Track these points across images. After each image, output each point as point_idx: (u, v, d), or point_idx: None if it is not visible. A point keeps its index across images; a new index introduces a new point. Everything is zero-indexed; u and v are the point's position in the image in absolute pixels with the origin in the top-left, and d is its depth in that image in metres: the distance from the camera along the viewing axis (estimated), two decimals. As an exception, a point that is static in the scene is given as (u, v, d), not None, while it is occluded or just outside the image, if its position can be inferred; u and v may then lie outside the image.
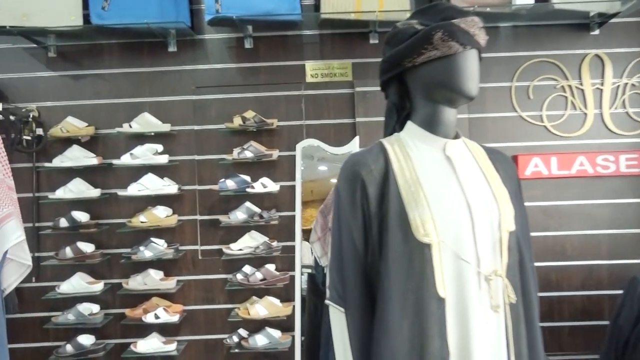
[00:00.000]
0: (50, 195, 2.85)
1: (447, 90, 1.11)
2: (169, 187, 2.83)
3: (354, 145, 2.79)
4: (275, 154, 2.86)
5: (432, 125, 1.16)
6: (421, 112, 1.17)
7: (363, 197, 1.10)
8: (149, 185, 2.81)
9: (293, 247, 2.84)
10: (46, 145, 2.90)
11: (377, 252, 1.10)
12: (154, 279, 2.82)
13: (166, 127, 2.87)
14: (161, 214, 2.83)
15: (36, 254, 2.91)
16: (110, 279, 2.92)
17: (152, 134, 2.89)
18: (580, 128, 2.90)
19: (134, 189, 2.80)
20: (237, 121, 2.84)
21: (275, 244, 2.86)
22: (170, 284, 2.84)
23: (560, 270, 2.87)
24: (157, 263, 2.87)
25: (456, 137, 1.19)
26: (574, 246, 2.88)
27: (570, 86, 2.90)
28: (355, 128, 2.92)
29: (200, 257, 2.95)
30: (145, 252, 2.78)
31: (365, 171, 1.12)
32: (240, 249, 2.85)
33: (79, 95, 2.94)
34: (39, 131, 2.85)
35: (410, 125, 1.19)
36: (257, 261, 2.88)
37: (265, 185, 2.81)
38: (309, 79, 2.95)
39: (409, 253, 1.06)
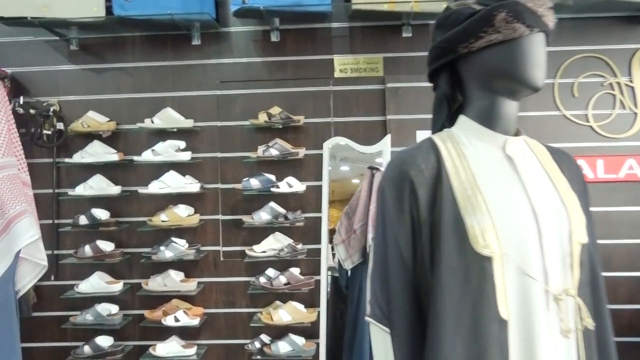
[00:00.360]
0: (70, 192, 2.77)
1: (509, 79, 0.96)
2: (191, 185, 2.72)
3: (384, 144, 2.65)
4: (302, 152, 2.73)
5: (489, 120, 1.01)
6: (477, 105, 1.02)
7: (412, 201, 0.96)
8: (171, 183, 2.71)
9: (319, 250, 2.72)
10: (67, 140, 2.83)
11: (427, 265, 0.95)
12: (174, 280, 2.72)
13: (189, 123, 2.76)
14: (183, 213, 2.73)
15: (55, 252, 2.84)
16: (129, 279, 2.83)
17: (175, 130, 2.79)
18: (630, 129, 2.70)
19: (155, 187, 2.71)
20: (262, 117, 2.71)
21: (300, 246, 2.73)
22: (191, 285, 2.74)
23: (606, 282, 2.66)
24: (178, 264, 2.77)
25: (517, 134, 1.04)
26: (621, 256, 2.67)
27: (618, 83, 2.70)
28: (386, 126, 2.76)
29: (222, 259, 2.84)
30: (166, 252, 2.68)
31: (414, 171, 0.97)
32: (264, 251, 2.73)
33: (101, 90, 2.87)
34: (60, 126, 2.78)
35: (463, 119, 1.04)
36: (281, 264, 2.75)
37: (291, 184, 2.68)
38: (337, 74, 2.81)
39: (465, 266, 0.91)
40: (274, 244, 2.74)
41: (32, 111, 2.58)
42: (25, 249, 1.64)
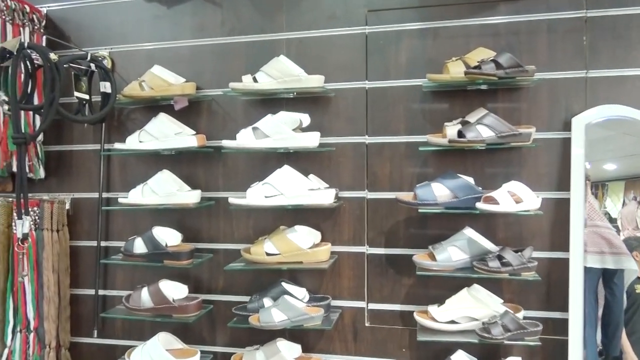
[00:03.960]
0: (121, 198, 1.69)
1: None
2: (317, 193, 1.52)
3: None
4: (532, 133, 1.41)
5: None
6: None
7: None
8: (283, 187, 1.53)
9: (563, 325, 1.40)
10: (114, 111, 1.75)
11: None
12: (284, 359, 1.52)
13: (316, 82, 1.57)
14: (302, 242, 1.56)
15: (100, 292, 1.79)
16: (211, 346, 1.74)
17: (292, 94, 1.64)
18: None
19: (257, 194, 1.54)
20: (453, 68, 1.47)
21: (522, 315, 1.43)
22: (314, 370, 1.54)
23: None
24: (293, 329, 1.59)
25: None
26: None
27: None
28: None
29: (368, 324, 1.63)
30: (273, 312, 1.50)
31: None
32: (451, 321, 1.46)
33: (172, 32, 1.80)
34: (105, 87, 1.68)
35: None
36: (486, 349, 1.46)
37: (519, 197, 1.37)
38: (601, -14, 1.48)
39: None
40: (470, 308, 1.47)
41: (52, 57, 1.47)
42: None
